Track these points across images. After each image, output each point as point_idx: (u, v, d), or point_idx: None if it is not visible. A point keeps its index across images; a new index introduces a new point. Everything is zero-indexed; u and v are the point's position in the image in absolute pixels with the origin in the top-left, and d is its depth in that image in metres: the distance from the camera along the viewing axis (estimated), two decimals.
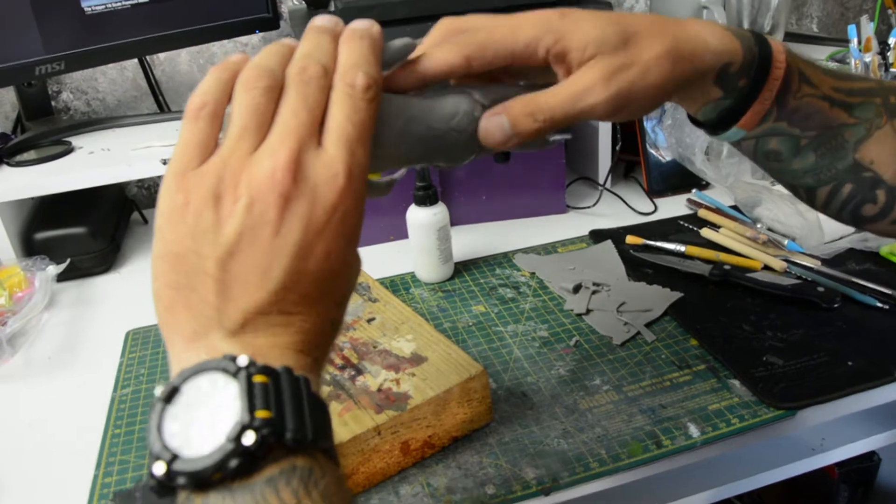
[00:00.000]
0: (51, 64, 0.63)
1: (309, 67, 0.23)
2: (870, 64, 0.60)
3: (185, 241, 0.21)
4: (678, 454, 0.39)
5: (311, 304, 0.22)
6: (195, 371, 0.20)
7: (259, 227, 0.21)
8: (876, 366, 0.43)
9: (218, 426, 0.19)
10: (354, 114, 0.23)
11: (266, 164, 0.21)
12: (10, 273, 0.57)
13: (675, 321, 0.50)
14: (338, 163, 0.22)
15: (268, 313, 0.21)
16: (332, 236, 0.22)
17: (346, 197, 0.22)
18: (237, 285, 0.21)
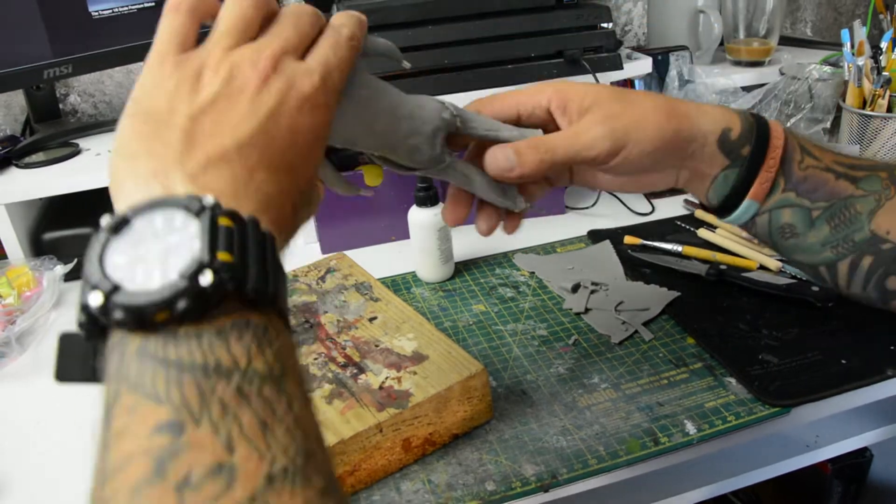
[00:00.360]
0: (59, 67, 0.64)
1: (304, 8, 0.25)
2: (863, 67, 0.61)
3: (159, 101, 0.22)
4: (675, 451, 0.39)
5: (272, 171, 0.22)
6: (150, 206, 0.19)
7: (235, 94, 0.22)
8: (869, 364, 0.44)
9: (170, 263, 0.17)
10: (338, 48, 0.24)
11: (248, 53, 0.22)
12: (18, 273, 0.58)
13: (673, 320, 0.51)
14: (315, 71, 0.23)
15: (231, 161, 0.21)
16: (301, 120, 0.22)
17: (318, 95, 0.23)
18: (204, 136, 0.21)
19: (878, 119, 0.62)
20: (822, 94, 0.67)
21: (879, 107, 0.61)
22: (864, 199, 0.32)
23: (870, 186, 0.32)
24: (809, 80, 0.67)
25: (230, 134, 0.21)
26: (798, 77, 0.68)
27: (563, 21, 0.61)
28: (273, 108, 0.22)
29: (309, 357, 0.44)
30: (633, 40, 0.96)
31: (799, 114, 0.68)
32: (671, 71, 0.72)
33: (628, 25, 0.95)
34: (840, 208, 0.32)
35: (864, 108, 0.63)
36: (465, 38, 0.60)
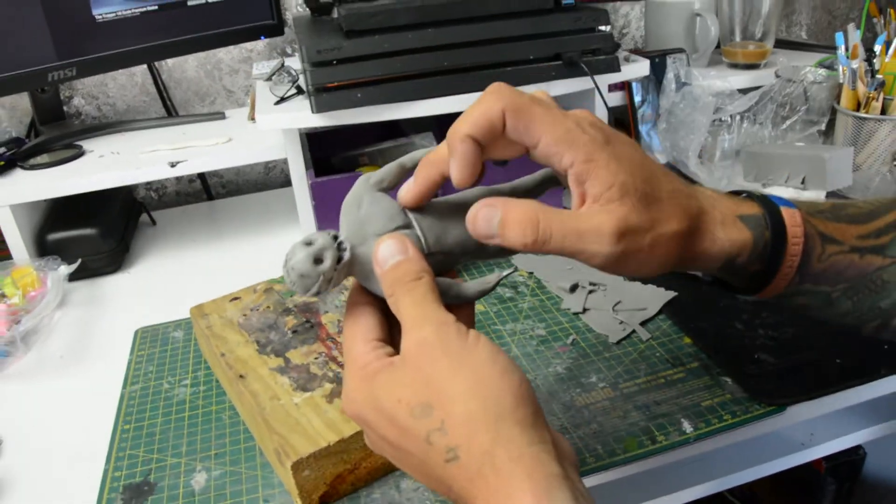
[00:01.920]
0: (63, 70, 0.65)
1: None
2: (857, 70, 0.62)
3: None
4: (672, 449, 0.39)
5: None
6: None
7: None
8: (863, 363, 0.44)
9: None
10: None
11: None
12: (23, 273, 0.58)
13: (670, 320, 0.51)
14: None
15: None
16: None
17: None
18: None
19: (872, 121, 0.63)
20: (817, 96, 0.68)
21: (873, 109, 0.62)
22: (890, 268, 0.29)
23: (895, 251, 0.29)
24: (804, 82, 0.68)
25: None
26: (793, 80, 0.69)
27: (561, 24, 0.61)
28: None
29: (310, 357, 0.44)
30: (630, 43, 0.96)
31: (794, 116, 0.68)
32: (668, 73, 0.73)
33: (626, 28, 0.96)
34: (864, 284, 0.29)
35: (859, 110, 0.63)
36: (464, 40, 0.60)
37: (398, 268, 0.26)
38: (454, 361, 0.23)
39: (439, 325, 0.24)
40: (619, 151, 0.25)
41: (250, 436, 0.43)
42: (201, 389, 0.48)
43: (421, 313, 0.24)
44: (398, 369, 0.24)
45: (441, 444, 0.22)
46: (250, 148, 0.68)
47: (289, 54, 0.84)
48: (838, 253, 0.29)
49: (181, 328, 0.56)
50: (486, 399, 0.22)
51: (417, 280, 0.25)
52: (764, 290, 0.30)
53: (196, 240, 0.73)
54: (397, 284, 0.25)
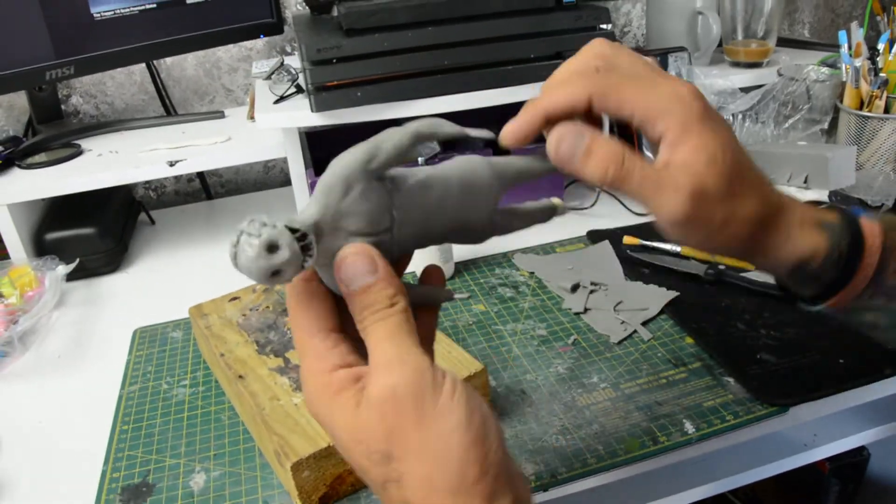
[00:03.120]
0: (61, 69, 0.64)
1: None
2: (860, 69, 0.62)
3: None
4: (674, 450, 0.39)
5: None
6: None
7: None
8: (867, 363, 0.44)
9: None
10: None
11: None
12: (21, 272, 0.58)
13: (671, 320, 0.51)
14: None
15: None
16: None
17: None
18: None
19: (875, 120, 0.62)
20: (820, 95, 0.67)
21: (877, 108, 0.62)
22: None
23: None
24: (807, 81, 0.67)
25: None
26: (796, 78, 0.68)
27: (562, 22, 0.61)
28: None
29: None
30: (632, 41, 0.96)
31: (797, 115, 0.68)
32: (670, 72, 0.72)
33: (627, 27, 0.95)
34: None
35: (862, 109, 0.63)
36: (464, 39, 0.60)
37: (368, 293, 0.23)
38: (423, 420, 0.21)
39: (413, 373, 0.22)
40: (714, 126, 0.25)
41: (249, 436, 0.43)
42: (200, 390, 0.48)
43: (394, 353, 0.22)
44: (361, 408, 0.22)
45: (396, 495, 0.22)
46: (250, 147, 0.68)
47: (288, 53, 0.84)
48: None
49: (180, 328, 0.56)
50: (449, 468, 0.21)
51: (390, 308, 0.23)
52: (833, 298, 0.29)
53: (195, 239, 0.73)
54: (367, 311, 0.23)
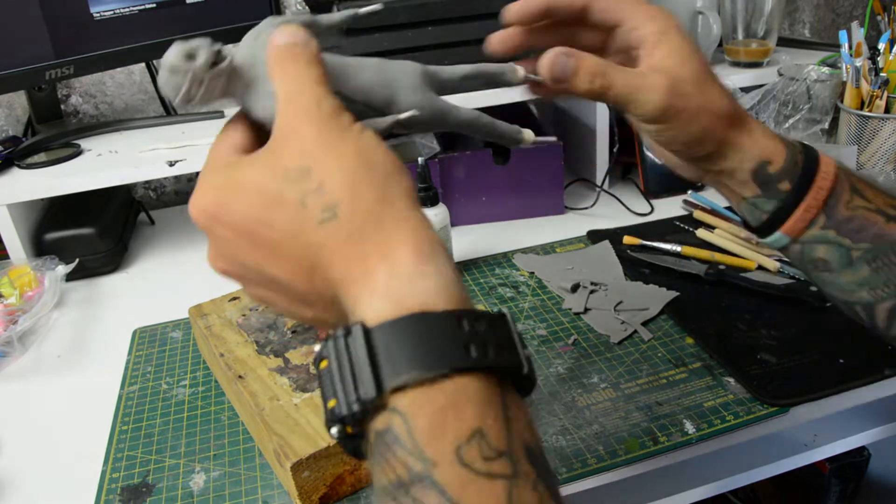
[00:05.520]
0: (60, 68, 0.64)
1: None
2: (860, 68, 0.61)
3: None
4: (674, 450, 0.39)
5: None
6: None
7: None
8: (866, 364, 0.44)
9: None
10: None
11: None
12: (20, 272, 0.58)
13: (672, 320, 0.51)
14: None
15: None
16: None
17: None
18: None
19: (875, 120, 0.62)
20: (821, 95, 0.67)
21: (877, 107, 0.62)
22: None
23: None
24: (807, 81, 0.67)
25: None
26: (796, 78, 0.68)
27: None
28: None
29: (309, 357, 0.44)
30: None
31: (797, 115, 0.68)
32: None
33: None
34: (885, 252, 0.30)
35: (862, 108, 0.63)
36: (464, 38, 0.60)
37: (290, 46, 0.23)
38: (337, 132, 0.21)
39: (322, 98, 0.22)
40: (684, 36, 0.30)
41: (249, 437, 0.43)
42: (200, 390, 0.48)
43: (302, 84, 0.22)
44: (269, 148, 0.22)
45: (317, 203, 0.20)
46: None
47: None
48: (865, 208, 0.30)
49: (180, 328, 0.55)
50: (371, 163, 0.21)
51: (305, 47, 0.23)
52: (789, 219, 0.30)
53: (195, 239, 0.72)
54: (284, 52, 0.23)
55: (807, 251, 0.31)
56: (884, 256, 0.30)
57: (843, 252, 0.30)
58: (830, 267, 0.31)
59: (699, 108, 0.29)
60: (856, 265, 0.30)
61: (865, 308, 0.31)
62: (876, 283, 0.30)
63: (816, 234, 0.30)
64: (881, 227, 0.30)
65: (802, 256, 0.31)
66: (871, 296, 0.30)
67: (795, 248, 0.31)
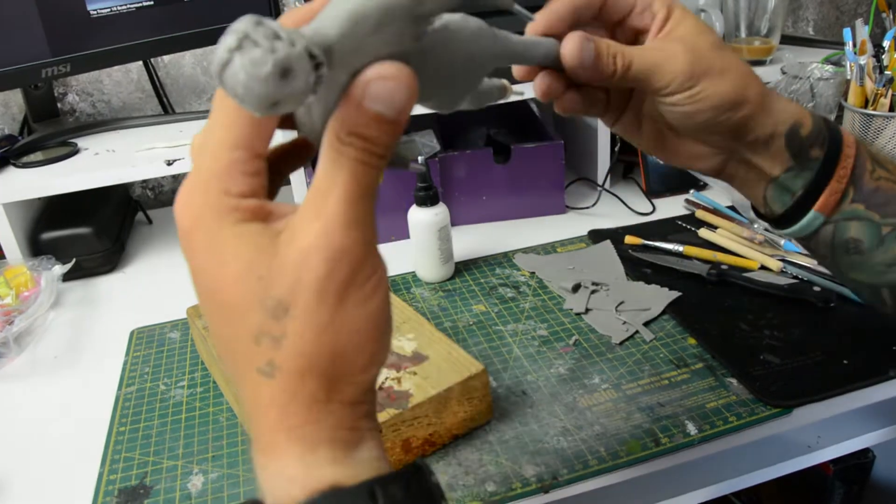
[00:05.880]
0: (57, 66, 0.64)
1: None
2: (865, 66, 0.61)
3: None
4: (676, 452, 0.39)
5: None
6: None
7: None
8: (871, 364, 0.43)
9: None
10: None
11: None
12: (16, 272, 0.57)
13: (674, 320, 0.50)
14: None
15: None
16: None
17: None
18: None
19: (880, 118, 0.62)
20: (825, 93, 0.67)
21: (882, 106, 0.61)
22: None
23: None
24: (811, 79, 0.67)
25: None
26: (800, 76, 0.68)
27: None
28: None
29: None
30: None
31: None
32: None
33: None
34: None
35: (867, 107, 0.62)
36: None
37: (379, 126, 0.18)
38: (345, 296, 0.18)
39: (363, 246, 0.18)
40: (692, 15, 0.29)
41: (248, 438, 0.43)
42: (198, 391, 0.48)
43: (354, 215, 0.18)
44: (279, 246, 0.18)
45: (263, 352, 0.18)
46: None
47: None
48: (887, 179, 0.29)
49: (178, 329, 0.55)
50: (343, 352, 0.19)
51: (380, 158, 0.19)
52: (823, 192, 0.29)
53: None
54: (358, 144, 0.18)
55: (839, 231, 0.30)
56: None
57: (874, 229, 0.29)
58: (862, 248, 0.30)
59: (723, 68, 0.28)
60: (886, 243, 0.29)
61: (892, 291, 0.30)
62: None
63: (847, 209, 0.29)
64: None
65: (834, 239, 0.30)
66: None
67: (827, 230, 0.30)
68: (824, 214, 0.29)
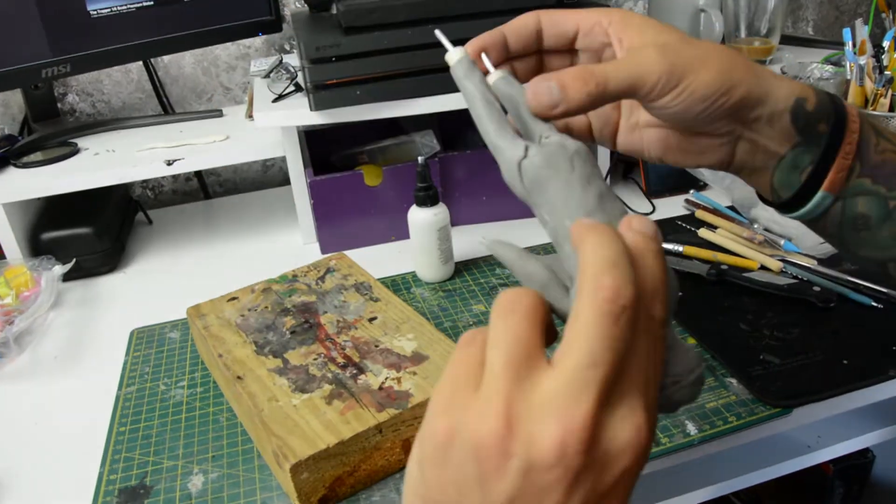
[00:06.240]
0: (57, 66, 0.64)
1: (621, 294, 0.18)
2: (864, 66, 0.61)
3: (448, 488, 0.18)
4: (676, 451, 0.39)
5: None
6: None
7: (533, 498, 0.17)
8: (871, 364, 0.44)
9: None
10: (654, 352, 0.19)
11: (553, 428, 0.17)
12: (16, 272, 0.57)
13: (674, 320, 0.50)
14: (639, 417, 0.17)
15: None
16: (614, 499, 0.18)
17: (641, 457, 0.18)
18: None
19: (880, 118, 0.62)
20: None
21: (881, 106, 0.61)
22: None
23: None
24: (811, 79, 0.67)
25: None
26: (800, 76, 0.68)
27: None
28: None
29: (308, 357, 0.43)
30: None
31: None
32: None
33: None
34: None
35: (867, 107, 0.63)
36: (466, 37, 0.59)
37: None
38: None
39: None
40: (644, 17, 0.28)
41: (248, 438, 0.43)
42: (198, 391, 0.48)
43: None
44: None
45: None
46: (248, 146, 0.67)
47: (287, 51, 0.83)
48: (892, 151, 0.29)
49: (178, 329, 0.55)
50: None
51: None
52: (831, 168, 0.28)
53: (193, 239, 0.72)
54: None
55: (848, 207, 0.29)
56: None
57: (881, 203, 0.29)
58: (870, 223, 0.29)
59: (703, 58, 0.27)
60: (894, 217, 0.29)
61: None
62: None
63: (855, 184, 0.28)
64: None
65: (843, 216, 0.29)
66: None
67: (836, 208, 0.29)
68: (833, 193, 0.29)
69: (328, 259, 0.56)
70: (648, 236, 0.21)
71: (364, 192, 0.63)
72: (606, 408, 0.18)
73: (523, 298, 0.20)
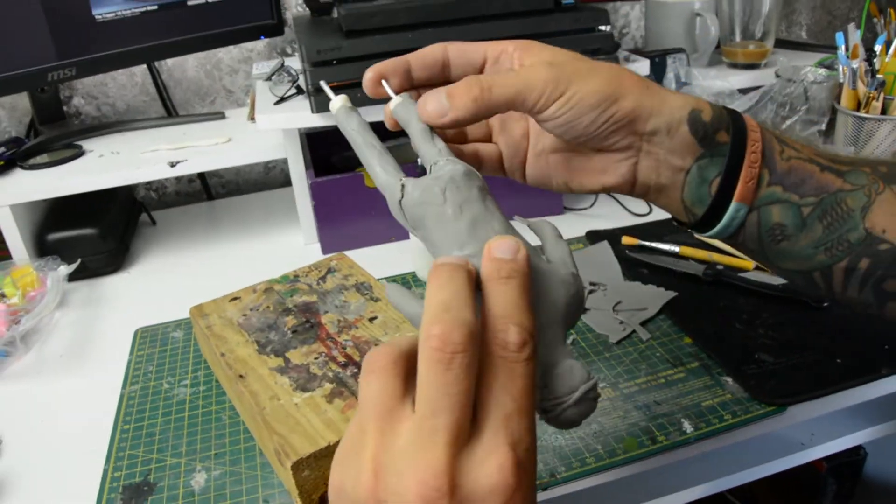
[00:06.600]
0: (63, 70, 0.64)
1: (448, 340, 0.18)
2: (857, 70, 0.62)
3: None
4: (672, 449, 0.39)
5: None
6: None
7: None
8: (864, 363, 0.44)
9: None
10: (511, 383, 0.19)
11: (409, 477, 0.17)
12: (23, 273, 0.58)
13: (670, 320, 0.51)
14: (501, 456, 0.18)
15: None
16: None
17: (514, 494, 0.18)
18: None
19: (872, 121, 0.63)
20: (818, 96, 0.68)
21: (874, 109, 0.62)
22: (853, 193, 0.28)
23: (856, 180, 0.29)
24: (805, 82, 0.68)
25: None
26: (793, 79, 0.69)
27: (561, 24, 0.61)
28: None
29: (309, 357, 0.44)
30: (630, 43, 0.96)
31: (794, 116, 0.68)
32: (668, 73, 0.73)
33: (626, 28, 0.96)
34: (831, 204, 0.29)
35: (859, 110, 0.63)
36: (464, 40, 0.60)
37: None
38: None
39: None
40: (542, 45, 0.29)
41: (250, 436, 0.43)
42: (201, 389, 0.48)
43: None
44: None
45: None
46: (250, 148, 0.68)
47: (289, 54, 0.84)
48: (798, 158, 0.29)
49: (181, 328, 0.56)
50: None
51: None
52: (739, 179, 0.28)
53: (196, 240, 0.73)
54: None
55: (763, 217, 0.29)
56: (832, 211, 0.29)
57: (794, 210, 0.29)
58: (787, 232, 0.29)
59: (591, 69, 0.27)
60: (809, 225, 0.29)
61: (823, 273, 0.30)
62: (831, 242, 0.29)
63: (766, 193, 0.29)
64: (818, 178, 0.29)
65: (760, 227, 0.29)
66: (827, 256, 0.29)
67: (752, 222, 0.29)
68: (746, 204, 0.29)
69: (329, 259, 0.56)
70: (503, 261, 0.21)
71: (365, 194, 0.64)
72: (464, 450, 0.18)
73: (380, 358, 0.20)
